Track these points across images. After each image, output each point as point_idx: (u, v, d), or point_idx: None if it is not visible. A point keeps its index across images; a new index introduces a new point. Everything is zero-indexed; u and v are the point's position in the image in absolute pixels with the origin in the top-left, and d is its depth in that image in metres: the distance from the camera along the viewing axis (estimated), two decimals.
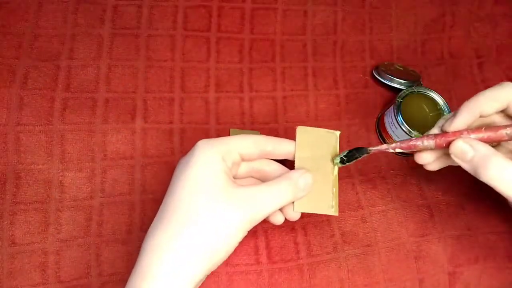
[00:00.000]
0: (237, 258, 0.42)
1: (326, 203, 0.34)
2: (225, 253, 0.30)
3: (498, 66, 0.55)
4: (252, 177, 0.36)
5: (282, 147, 0.34)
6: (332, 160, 0.35)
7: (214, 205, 0.29)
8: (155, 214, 0.40)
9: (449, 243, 0.45)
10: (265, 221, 0.44)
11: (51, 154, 0.44)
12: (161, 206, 0.31)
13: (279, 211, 0.35)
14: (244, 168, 0.35)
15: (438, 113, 0.47)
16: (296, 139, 0.35)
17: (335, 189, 0.35)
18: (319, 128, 0.36)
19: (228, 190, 0.30)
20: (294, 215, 0.34)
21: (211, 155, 0.31)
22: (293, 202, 0.33)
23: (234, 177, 0.34)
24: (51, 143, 0.44)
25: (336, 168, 0.35)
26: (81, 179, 0.43)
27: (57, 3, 0.49)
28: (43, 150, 0.43)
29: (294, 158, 0.34)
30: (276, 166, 0.35)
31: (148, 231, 0.30)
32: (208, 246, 0.29)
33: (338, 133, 0.36)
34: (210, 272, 0.30)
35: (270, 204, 0.31)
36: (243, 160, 0.34)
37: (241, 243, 0.42)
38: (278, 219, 0.35)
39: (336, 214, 0.35)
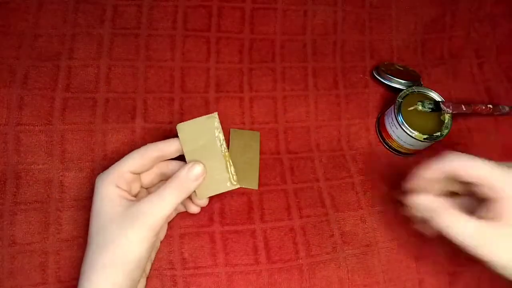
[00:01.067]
0: (236, 258, 0.42)
1: (224, 181, 0.37)
2: (138, 262, 0.34)
3: (498, 66, 0.55)
4: (162, 180, 0.40)
5: (168, 147, 0.37)
6: (220, 141, 0.38)
7: (115, 230, 0.34)
8: None
9: (450, 243, 0.45)
10: (264, 222, 0.44)
11: (51, 154, 0.44)
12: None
13: (188, 201, 0.39)
14: (150, 177, 0.39)
15: (438, 113, 0.47)
16: (179, 136, 0.37)
17: (232, 168, 0.37)
18: (197, 118, 0.38)
19: (124, 213, 0.34)
20: (200, 202, 0.39)
21: (105, 186, 0.35)
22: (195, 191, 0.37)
23: (145, 187, 0.39)
24: (51, 143, 0.44)
25: (224, 146, 0.37)
26: (81, 178, 0.43)
27: (57, 3, 0.49)
28: (43, 150, 0.43)
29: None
30: (174, 165, 0.39)
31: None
32: (120, 263, 0.33)
33: (215, 114, 0.38)
34: (136, 281, 0.35)
35: (162, 210, 0.35)
36: (140, 173, 0.38)
37: (240, 243, 0.42)
38: (192, 210, 0.39)
39: (237, 186, 0.38)
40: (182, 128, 0.37)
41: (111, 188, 0.35)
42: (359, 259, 0.44)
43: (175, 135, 0.38)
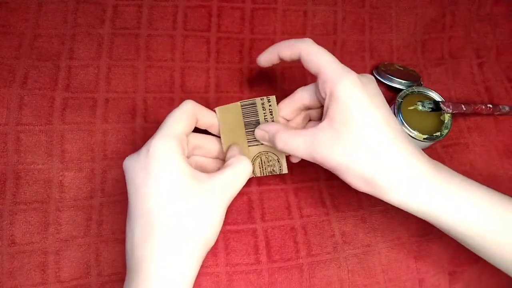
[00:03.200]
0: (237, 258, 0.42)
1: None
2: (215, 236, 0.33)
3: (498, 66, 0.55)
4: (194, 155, 0.39)
5: (206, 118, 0.37)
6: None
7: (192, 206, 0.31)
8: None
9: (450, 242, 0.45)
10: (265, 221, 0.44)
11: (51, 154, 0.44)
12: (135, 212, 0.31)
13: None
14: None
15: (438, 113, 0.47)
16: (218, 118, 0.39)
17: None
18: (234, 103, 0.40)
19: (199, 186, 0.32)
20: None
21: (168, 150, 0.32)
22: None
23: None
24: (51, 142, 0.44)
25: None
26: (81, 178, 0.43)
27: (57, 3, 0.49)
28: (43, 150, 0.43)
29: (218, 133, 0.39)
30: (216, 143, 0.39)
31: (133, 241, 0.31)
32: (196, 241, 0.31)
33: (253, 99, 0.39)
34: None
35: (237, 187, 0.35)
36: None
37: (241, 243, 0.42)
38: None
39: (284, 171, 0.40)
40: (221, 111, 0.39)
41: (175, 152, 0.32)
42: (359, 259, 0.44)
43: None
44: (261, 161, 0.40)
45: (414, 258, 0.45)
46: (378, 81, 0.52)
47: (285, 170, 0.40)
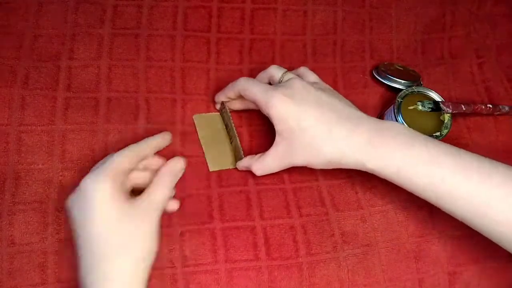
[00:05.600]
0: (236, 254, 0.42)
1: (229, 160, 0.47)
2: (153, 252, 0.36)
3: (498, 66, 0.55)
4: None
5: (163, 142, 0.41)
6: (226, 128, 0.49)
7: (126, 233, 0.35)
8: None
9: (449, 243, 0.45)
10: (263, 219, 0.44)
11: (51, 154, 0.44)
12: (80, 244, 0.35)
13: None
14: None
15: (438, 113, 0.47)
16: (195, 124, 0.48)
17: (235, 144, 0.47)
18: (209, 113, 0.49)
19: (129, 214, 0.35)
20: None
21: (106, 186, 0.35)
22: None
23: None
24: (52, 142, 0.44)
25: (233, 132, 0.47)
26: (80, 178, 0.43)
27: (57, 3, 0.49)
28: (44, 150, 0.44)
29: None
30: (160, 161, 0.41)
31: (82, 270, 0.35)
32: (136, 262, 0.35)
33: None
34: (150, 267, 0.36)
35: (162, 202, 0.37)
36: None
37: (240, 239, 0.42)
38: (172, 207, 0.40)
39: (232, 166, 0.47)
40: (198, 117, 0.48)
41: (114, 187, 0.35)
42: (359, 259, 0.44)
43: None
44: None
45: (414, 258, 0.45)
46: (378, 81, 0.52)
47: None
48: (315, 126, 0.39)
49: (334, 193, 0.47)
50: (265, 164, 0.43)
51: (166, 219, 0.42)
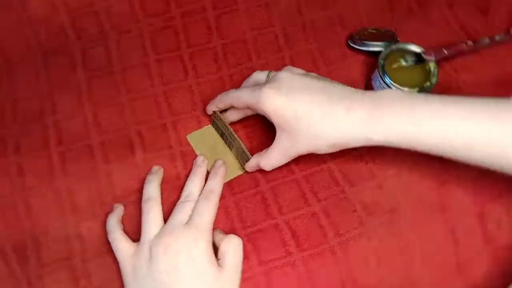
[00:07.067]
0: (267, 255, 0.42)
1: (235, 167, 0.48)
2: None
3: (468, 2, 0.55)
4: None
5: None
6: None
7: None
8: None
9: (470, 185, 0.45)
10: (283, 214, 0.44)
11: (62, 210, 0.44)
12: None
13: None
14: None
15: (422, 64, 0.47)
16: (191, 144, 0.48)
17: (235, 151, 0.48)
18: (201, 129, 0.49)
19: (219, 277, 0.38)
20: None
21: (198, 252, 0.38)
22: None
23: None
24: (60, 199, 0.44)
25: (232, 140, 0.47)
26: (98, 224, 0.43)
27: (26, 62, 0.49)
28: (54, 207, 0.44)
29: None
30: None
31: None
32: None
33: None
34: None
35: (239, 269, 0.40)
36: None
37: (267, 240, 0.42)
38: None
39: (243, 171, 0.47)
40: (192, 137, 0.48)
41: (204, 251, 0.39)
42: (386, 226, 0.44)
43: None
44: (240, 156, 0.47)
45: (439, 210, 0.44)
46: (355, 49, 0.52)
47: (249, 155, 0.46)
48: (310, 112, 0.39)
49: (345, 169, 0.47)
50: (272, 158, 0.43)
51: None
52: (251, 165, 0.45)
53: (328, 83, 0.41)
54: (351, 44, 0.52)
